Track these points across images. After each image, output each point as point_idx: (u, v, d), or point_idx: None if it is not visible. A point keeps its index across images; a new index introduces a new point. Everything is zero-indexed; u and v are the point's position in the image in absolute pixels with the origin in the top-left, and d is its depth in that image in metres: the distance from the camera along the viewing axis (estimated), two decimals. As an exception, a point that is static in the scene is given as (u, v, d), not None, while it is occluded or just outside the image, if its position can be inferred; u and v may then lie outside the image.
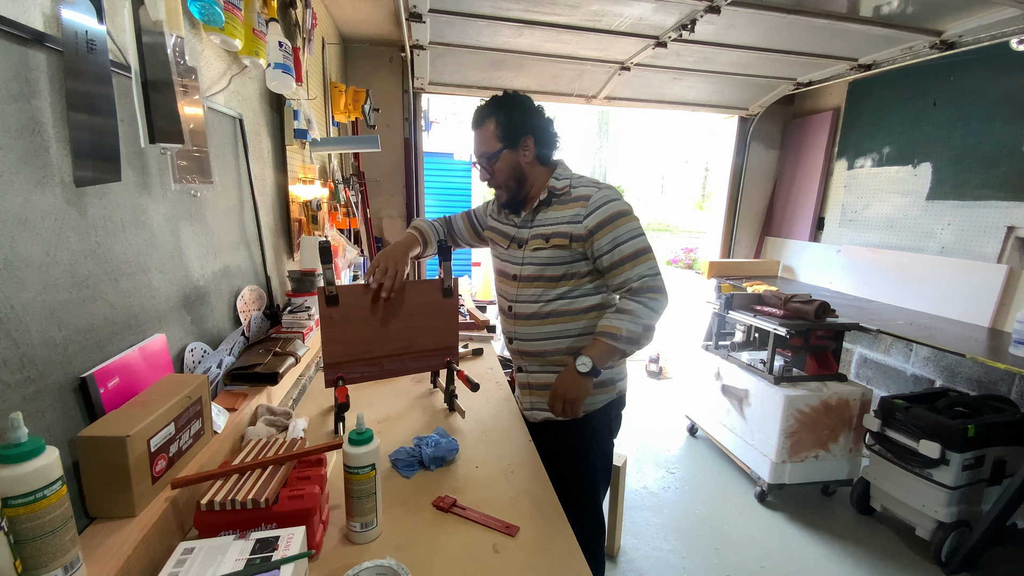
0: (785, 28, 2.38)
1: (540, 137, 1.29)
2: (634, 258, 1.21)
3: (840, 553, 2.18)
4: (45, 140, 0.71)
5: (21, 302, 0.67)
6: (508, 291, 1.36)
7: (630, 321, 1.18)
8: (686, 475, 2.80)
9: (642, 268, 1.21)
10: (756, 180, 4.03)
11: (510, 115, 1.26)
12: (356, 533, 0.85)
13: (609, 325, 1.20)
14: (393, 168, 3.40)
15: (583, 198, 1.24)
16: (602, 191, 1.24)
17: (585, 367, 1.17)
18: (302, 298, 1.60)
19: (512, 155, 1.27)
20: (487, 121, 1.28)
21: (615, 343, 1.18)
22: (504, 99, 1.29)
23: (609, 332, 1.19)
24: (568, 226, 1.24)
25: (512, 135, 1.26)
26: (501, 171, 1.28)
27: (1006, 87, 2.52)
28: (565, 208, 1.26)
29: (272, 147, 1.71)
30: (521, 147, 1.27)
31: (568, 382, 1.20)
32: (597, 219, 1.21)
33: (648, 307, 1.19)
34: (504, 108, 1.27)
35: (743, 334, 2.95)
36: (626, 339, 1.18)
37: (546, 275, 1.28)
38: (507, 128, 1.26)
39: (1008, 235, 2.51)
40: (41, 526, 0.56)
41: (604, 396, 1.35)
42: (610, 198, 1.23)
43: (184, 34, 1.01)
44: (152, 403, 0.81)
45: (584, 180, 1.30)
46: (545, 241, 1.27)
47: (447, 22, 2.42)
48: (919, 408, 2.15)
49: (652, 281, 1.20)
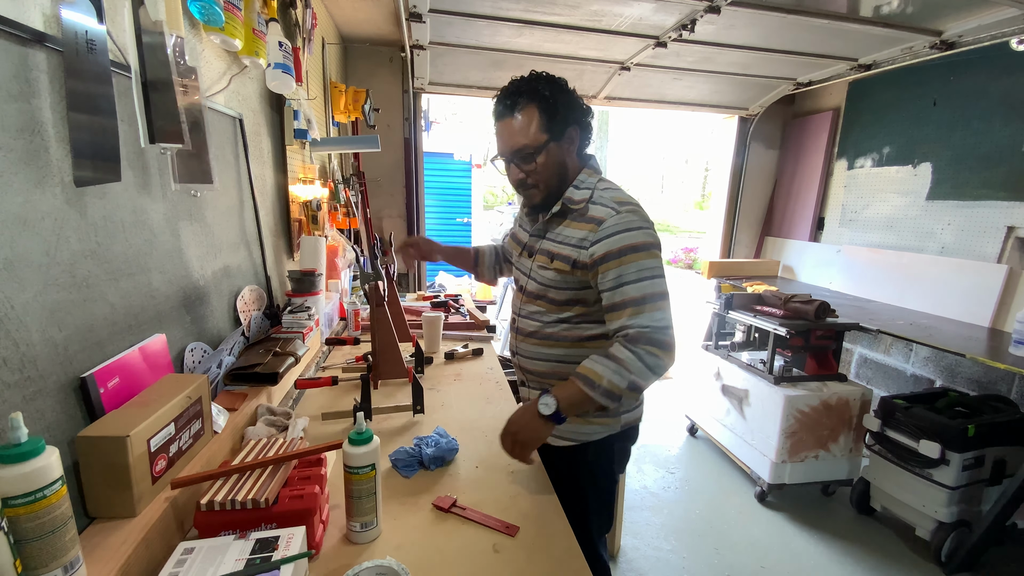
0: (785, 28, 2.38)
1: (584, 129, 1.12)
2: (638, 304, 1.00)
3: (840, 553, 2.18)
4: (45, 140, 0.71)
5: (21, 302, 0.67)
6: (515, 302, 1.24)
7: (616, 372, 0.97)
8: (686, 475, 2.80)
9: (645, 318, 0.99)
10: (756, 180, 4.03)
11: (557, 100, 1.05)
12: (356, 533, 0.85)
13: (591, 369, 0.99)
14: (393, 168, 3.40)
15: (596, 220, 1.05)
16: (621, 216, 1.03)
17: (548, 409, 0.98)
18: (302, 298, 1.60)
19: (559, 149, 1.08)
20: (527, 107, 1.05)
21: (590, 392, 0.98)
22: (547, 81, 1.07)
23: (588, 377, 0.99)
24: (573, 250, 1.07)
25: (559, 125, 1.06)
26: (545, 168, 1.08)
27: (1006, 87, 2.52)
28: (576, 227, 1.08)
29: (272, 147, 1.71)
30: (567, 139, 1.09)
31: (523, 421, 1.02)
32: (604, 249, 1.02)
33: (644, 362, 0.97)
34: (550, 92, 1.05)
35: (743, 334, 2.95)
36: (604, 391, 0.97)
37: (548, 296, 1.13)
38: (553, 115, 1.05)
39: (1008, 235, 2.51)
40: (41, 526, 0.56)
41: (602, 428, 1.17)
42: (626, 227, 1.02)
43: (184, 34, 1.01)
44: (152, 403, 0.81)
45: (605, 196, 1.08)
46: (549, 260, 1.11)
47: (447, 22, 2.42)
48: (919, 408, 2.15)
49: (655, 334, 0.99)
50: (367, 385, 1.28)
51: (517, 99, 1.06)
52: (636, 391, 1.00)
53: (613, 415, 1.16)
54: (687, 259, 10.73)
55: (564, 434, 1.17)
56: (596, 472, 1.21)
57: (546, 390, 1.01)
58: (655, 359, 0.98)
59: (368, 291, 1.45)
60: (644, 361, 0.97)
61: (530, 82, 1.06)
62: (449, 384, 1.60)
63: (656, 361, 0.98)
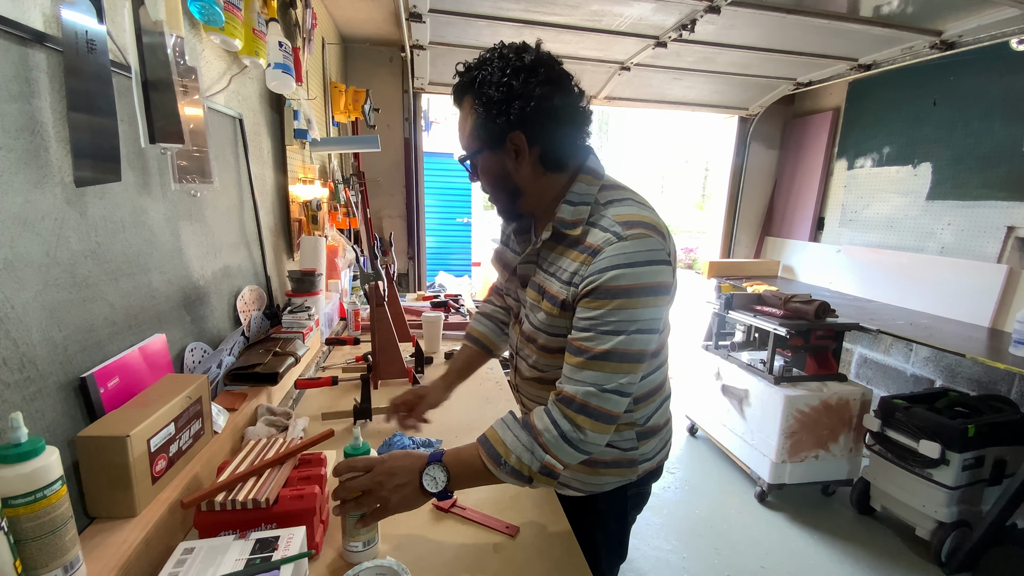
0: (785, 28, 2.38)
1: (546, 134, 0.80)
2: (597, 358, 0.75)
3: (840, 553, 2.17)
4: (45, 140, 0.71)
5: (21, 302, 0.67)
6: (512, 336, 1.03)
7: (528, 449, 0.76)
8: (686, 475, 2.80)
9: (593, 375, 0.75)
10: (756, 180, 4.03)
11: (504, 92, 0.77)
12: (357, 553, 0.78)
13: (500, 439, 0.78)
14: (393, 168, 3.40)
15: (591, 251, 0.78)
16: (623, 245, 0.75)
17: (434, 486, 0.77)
18: (302, 298, 1.60)
19: (496, 161, 0.83)
20: (464, 99, 0.83)
21: (494, 469, 0.77)
22: (501, 61, 0.78)
23: (494, 449, 0.78)
24: (562, 288, 0.82)
25: (497, 128, 0.79)
26: (487, 182, 0.88)
27: (1006, 87, 2.52)
28: (570, 256, 0.82)
29: (272, 147, 1.71)
30: (508, 149, 0.81)
31: (397, 481, 0.77)
32: (591, 285, 0.76)
33: (566, 439, 0.75)
34: (495, 78, 0.77)
35: (743, 334, 2.95)
36: (511, 471, 0.76)
37: (538, 342, 0.90)
38: (490, 115, 0.79)
39: (1008, 235, 2.51)
40: (41, 526, 0.56)
41: (616, 479, 0.97)
42: (627, 261, 0.75)
43: (184, 34, 1.01)
44: (152, 403, 0.81)
45: (608, 215, 0.80)
46: (540, 298, 0.88)
47: (447, 22, 2.42)
48: (919, 408, 2.15)
49: (593, 400, 0.75)
50: (367, 385, 1.28)
51: (459, 86, 0.83)
52: (551, 476, 0.76)
53: (629, 465, 0.95)
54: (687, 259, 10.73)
55: (570, 483, 0.99)
56: (607, 519, 1.03)
57: (438, 456, 0.79)
58: (578, 435, 0.75)
59: (368, 291, 1.45)
60: (566, 437, 0.75)
61: (480, 63, 0.80)
62: (449, 384, 1.60)
63: (579, 437, 0.75)
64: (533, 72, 0.78)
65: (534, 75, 0.77)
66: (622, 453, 0.95)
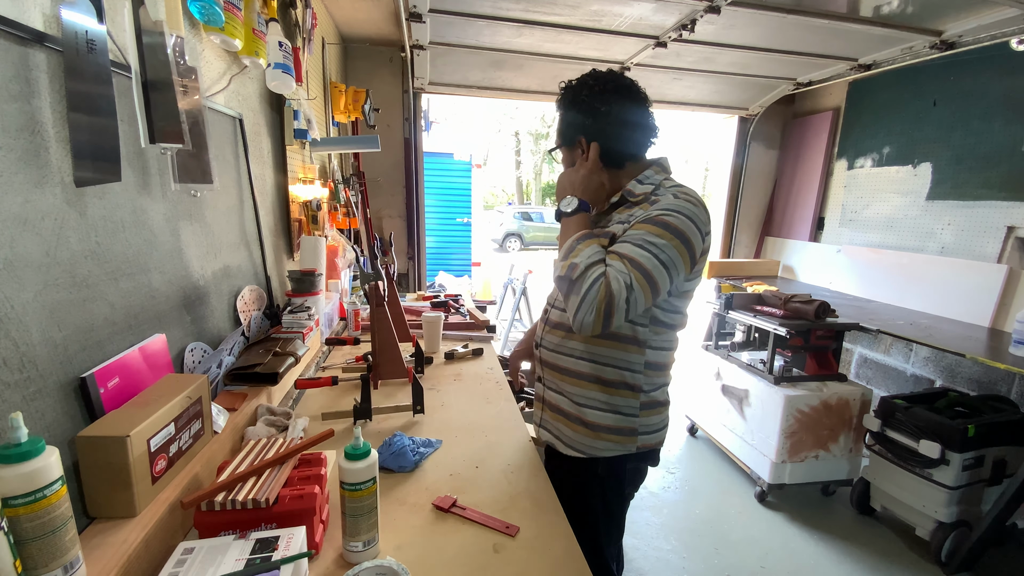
0: (785, 28, 2.38)
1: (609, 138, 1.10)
2: (623, 257, 0.94)
3: (840, 553, 2.18)
4: (45, 140, 0.71)
5: (21, 302, 0.67)
6: (552, 291, 1.20)
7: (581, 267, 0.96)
8: (686, 475, 2.80)
9: (618, 265, 0.93)
10: (756, 180, 4.03)
11: (579, 107, 1.10)
12: (357, 553, 0.79)
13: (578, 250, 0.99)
14: (393, 168, 3.40)
15: (651, 201, 1.03)
16: (676, 201, 1.00)
17: (570, 207, 1.06)
18: (302, 298, 1.60)
19: (571, 156, 1.15)
20: (560, 106, 1.15)
21: (562, 258, 1.01)
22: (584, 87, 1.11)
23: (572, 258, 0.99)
24: (618, 227, 1.04)
25: (570, 131, 1.13)
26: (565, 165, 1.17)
27: (1006, 87, 2.52)
28: (631, 212, 1.06)
29: (272, 147, 1.71)
30: (578, 147, 1.12)
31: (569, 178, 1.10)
32: (642, 217, 1.00)
33: (586, 283, 0.93)
34: (572, 97, 1.12)
35: (743, 334, 2.95)
36: (563, 276, 0.99)
37: None
38: (567, 120, 1.13)
39: (1008, 235, 2.51)
40: (41, 526, 0.56)
41: (615, 446, 1.11)
42: (676, 208, 0.98)
43: (184, 34, 1.01)
44: (152, 403, 0.81)
45: (670, 189, 1.05)
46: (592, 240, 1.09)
47: (447, 22, 2.42)
48: (919, 408, 2.15)
49: (612, 284, 0.91)
50: (367, 385, 1.28)
51: (561, 96, 1.15)
52: (567, 288, 0.97)
53: (629, 433, 1.10)
54: (687, 259, 10.72)
55: (573, 443, 1.13)
56: (605, 488, 1.15)
57: (586, 207, 1.07)
58: (591, 293, 0.92)
59: (368, 291, 1.45)
60: (586, 283, 0.93)
61: (577, 86, 1.12)
62: (449, 384, 1.60)
63: (588, 297, 0.92)
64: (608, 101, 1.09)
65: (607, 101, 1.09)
66: (623, 418, 1.10)
